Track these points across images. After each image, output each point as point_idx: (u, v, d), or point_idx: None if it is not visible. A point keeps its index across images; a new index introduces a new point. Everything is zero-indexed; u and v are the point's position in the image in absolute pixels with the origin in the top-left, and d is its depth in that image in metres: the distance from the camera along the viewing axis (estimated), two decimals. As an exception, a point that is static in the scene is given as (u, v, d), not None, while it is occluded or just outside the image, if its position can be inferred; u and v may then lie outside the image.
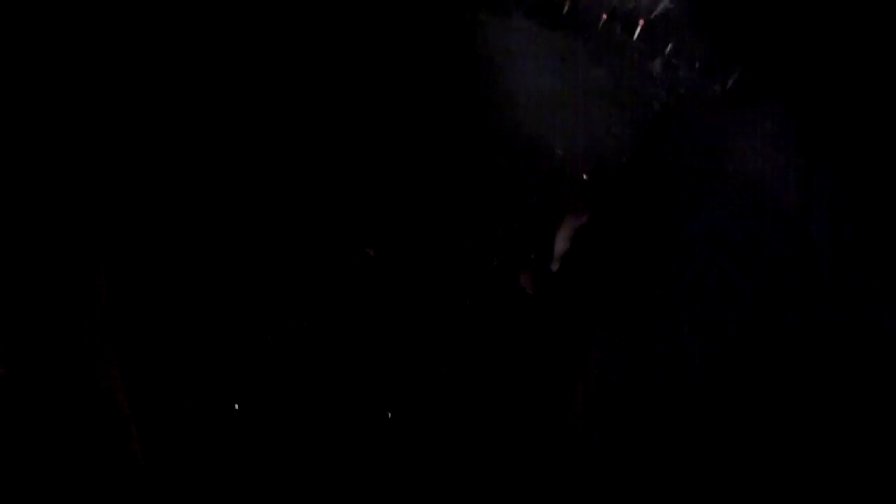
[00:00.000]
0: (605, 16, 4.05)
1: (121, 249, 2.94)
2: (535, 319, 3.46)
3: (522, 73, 3.90)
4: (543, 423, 3.23)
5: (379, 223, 3.42)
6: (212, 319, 2.94)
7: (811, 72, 3.91)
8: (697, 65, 4.03)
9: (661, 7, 4.03)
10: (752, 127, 3.89)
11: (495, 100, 3.83)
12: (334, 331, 3.11)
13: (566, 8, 4.02)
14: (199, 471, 2.66)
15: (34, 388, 2.43)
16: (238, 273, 3.08)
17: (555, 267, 3.58)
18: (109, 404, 2.48)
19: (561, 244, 3.62)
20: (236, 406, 2.80)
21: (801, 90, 3.91)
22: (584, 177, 3.74)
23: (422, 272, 3.36)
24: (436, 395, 3.11)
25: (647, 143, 3.88)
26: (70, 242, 2.71)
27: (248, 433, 2.80)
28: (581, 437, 3.22)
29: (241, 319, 2.98)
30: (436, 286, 3.34)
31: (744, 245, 3.69)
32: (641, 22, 4.05)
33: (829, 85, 3.89)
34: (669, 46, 4.05)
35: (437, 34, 3.87)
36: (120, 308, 2.76)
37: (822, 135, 3.86)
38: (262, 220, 3.22)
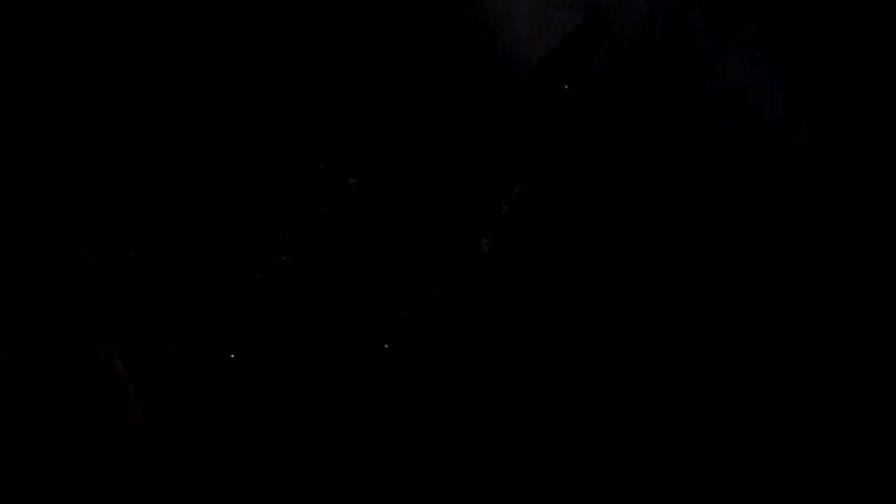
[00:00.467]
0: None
1: (104, 211, 2.81)
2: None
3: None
4: None
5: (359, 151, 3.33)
6: (200, 266, 2.85)
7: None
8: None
9: None
10: (734, 34, 3.81)
11: (469, 14, 3.69)
12: (322, 263, 3.05)
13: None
14: (199, 426, 2.63)
15: (33, 371, 2.36)
16: (223, 212, 2.98)
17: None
18: (107, 371, 2.42)
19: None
20: (232, 356, 2.74)
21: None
22: (566, 87, 3.68)
23: (405, 197, 3.30)
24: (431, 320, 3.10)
25: (630, 52, 3.79)
26: (52, 213, 2.59)
27: (245, 381, 2.76)
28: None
29: (227, 260, 2.90)
30: (421, 211, 3.29)
31: (733, 156, 3.68)
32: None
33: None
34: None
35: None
36: (107, 272, 2.66)
37: (805, 42, 3.80)
38: (243, 155, 3.10)
